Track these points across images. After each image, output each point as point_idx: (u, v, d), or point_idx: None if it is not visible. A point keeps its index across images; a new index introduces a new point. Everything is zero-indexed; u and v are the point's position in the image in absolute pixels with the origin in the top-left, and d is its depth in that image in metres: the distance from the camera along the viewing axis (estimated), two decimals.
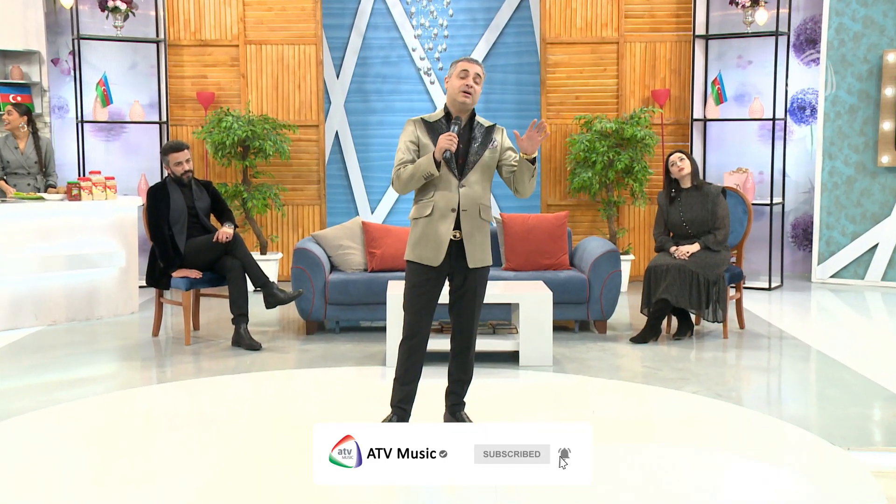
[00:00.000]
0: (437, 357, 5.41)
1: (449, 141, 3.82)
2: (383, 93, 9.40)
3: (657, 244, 6.41)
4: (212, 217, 6.78)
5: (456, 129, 3.88)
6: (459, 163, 3.96)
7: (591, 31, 9.07)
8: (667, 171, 6.46)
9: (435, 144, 3.92)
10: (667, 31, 9.08)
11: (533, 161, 3.94)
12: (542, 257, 6.88)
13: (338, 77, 9.39)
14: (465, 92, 3.93)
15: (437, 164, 3.86)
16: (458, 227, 3.95)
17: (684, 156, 6.44)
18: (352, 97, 9.41)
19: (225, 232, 6.35)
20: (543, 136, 3.83)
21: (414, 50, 9.04)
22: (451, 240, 3.95)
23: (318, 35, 9.01)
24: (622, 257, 8.55)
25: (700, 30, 9.01)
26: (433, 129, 3.98)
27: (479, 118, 4.06)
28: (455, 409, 4.20)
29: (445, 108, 4.02)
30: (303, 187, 9.17)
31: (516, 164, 3.99)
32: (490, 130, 4.05)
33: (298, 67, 9.06)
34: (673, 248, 6.30)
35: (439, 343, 5.51)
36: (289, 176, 9.14)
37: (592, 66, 9.09)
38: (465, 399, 4.24)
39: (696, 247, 6.27)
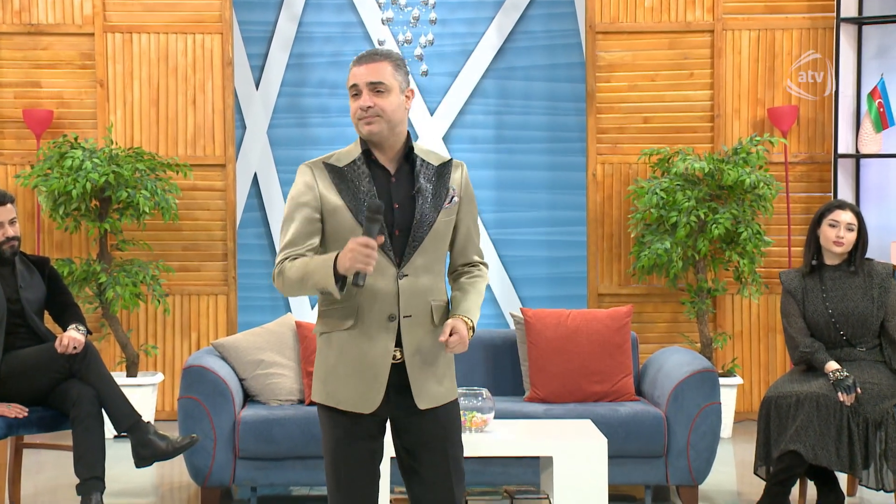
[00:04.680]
0: None
1: (367, 257, 3.70)
2: (331, 112, 9.52)
3: (798, 355, 6.35)
4: (47, 316, 6.79)
5: (375, 229, 3.75)
6: (396, 235, 3.93)
7: (668, 13, 9.30)
8: (814, 237, 6.51)
9: (352, 203, 3.91)
10: (794, 10, 9.32)
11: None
12: (591, 381, 6.90)
13: (257, 87, 9.54)
14: (364, 120, 3.92)
15: (341, 282, 3.79)
16: (397, 342, 3.93)
17: (855, 217, 6.39)
18: (280, 119, 9.56)
19: (71, 339, 6.35)
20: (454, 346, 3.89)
21: (382, 43, 9.11)
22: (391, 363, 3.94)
23: (225, 19, 9.22)
24: (723, 381, 8.54)
25: (849, 9, 9.16)
26: (345, 177, 3.96)
27: (420, 150, 4.05)
28: None
29: (362, 141, 4.01)
30: (199, 266, 9.28)
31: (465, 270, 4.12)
32: (444, 173, 4.05)
33: (193, 71, 9.24)
34: (831, 368, 6.26)
35: None
36: (176, 248, 9.26)
37: (671, 70, 9.28)
38: None
39: (878, 373, 6.22)
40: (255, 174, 9.56)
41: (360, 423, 3.94)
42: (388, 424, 4.05)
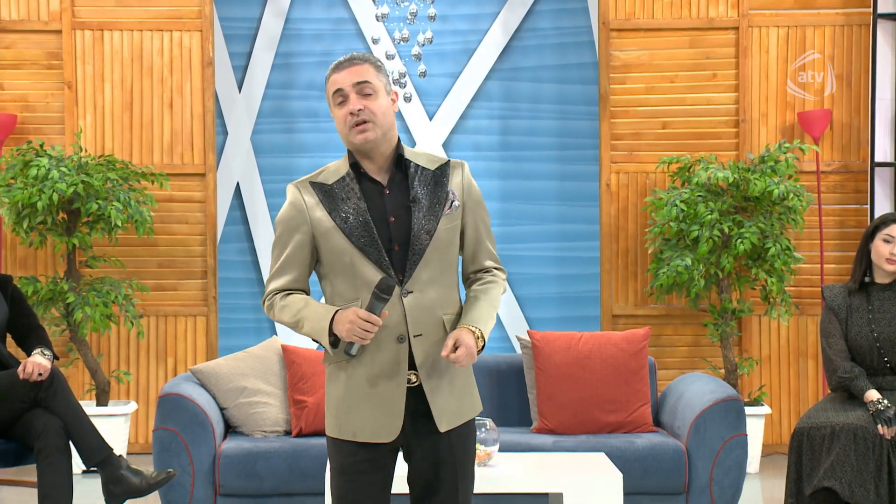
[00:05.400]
0: None
1: (365, 332, 3.84)
2: (320, 116, 9.54)
3: (835, 380, 6.31)
4: (9, 340, 6.79)
5: (380, 306, 3.86)
6: (395, 251, 3.99)
7: (688, 9, 9.31)
8: (866, 251, 6.41)
9: (344, 224, 3.98)
10: (826, 5, 9.32)
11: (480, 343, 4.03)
12: (605, 410, 6.92)
13: (240, 89, 9.57)
14: (356, 126, 3.97)
15: (334, 336, 3.92)
16: (411, 365, 4.00)
17: None
18: (265, 124, 9.58)
19: (36, 365, 6.36)
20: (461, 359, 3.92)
21: (376, 41, 9.11)
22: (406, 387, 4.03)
23: (205, 14, 9.23)
24: (749, 411, 8.53)
25: (887, 4, 9.21)
26: (335, 195, 4.04)
27: (412, 154, 4.12)
28: None
29: (349, 152, 4.09)
30: (176, 284, 9.28)
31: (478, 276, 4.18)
32: (441, 176, 4.11)
33: (171, 72, 9.24)
34: (872, 397, 6.18)
35: None
36: (151, 264, 9.27)
37: (692, 70, 9.29)
38: None
39: None
40: (238, 184, 9.56)
41: (375, 452, 4.02)
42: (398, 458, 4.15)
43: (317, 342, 3.98)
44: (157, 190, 9.03)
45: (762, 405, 8.78)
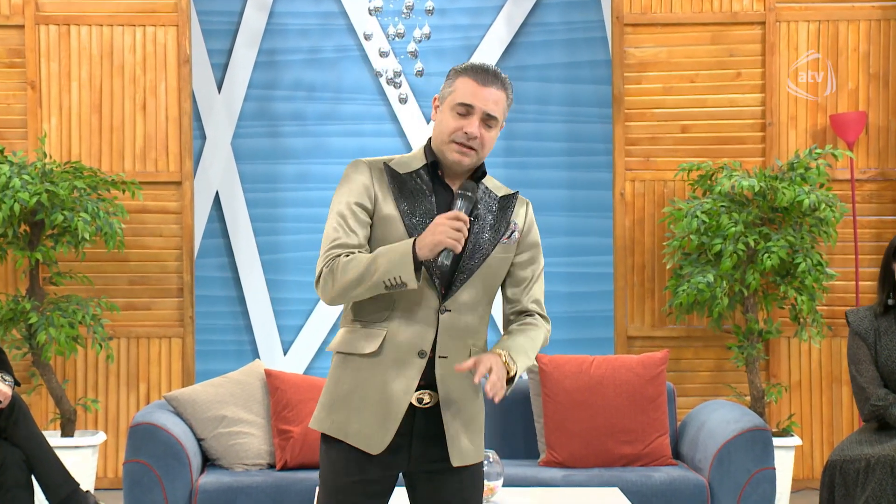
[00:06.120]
0: None
1: (456, 231, 3.90)
2: (307, 119, 9.57)
3: (868, 409, 6.36)
4: None
5: (465, 206, 4.00)
6: (464, 243, 4.03)
7: (710, 1, 9.31)
8: (889, 271, 6.47)
9: (408, 217, 4.06)
10: None
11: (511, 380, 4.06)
12: (619, 441, 6.93)
13: (220, 89, 9.58)
14: (461, 146, 4.07)
15: (419, 270, 3.94)
16: (428, 384, 4.06)
17: None
18: (247, 128, 9.58)
19: None
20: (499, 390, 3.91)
21: (369, 37, 9.07)
22: (412, 406, 4.06)
23: (181, 8, 9.22)
24: (778, 442, 8.51)
25: None
26: (405, 186, 4.13)
27: (488, 180, 4.23)
28: None
29: (428, 147, 4.19)
30: (150, 303, 9.25)
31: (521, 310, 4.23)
32: (506, 206, 4.22)
33: (144, 71, 9.23)
34: None
35: None
36: (122, 281, 9.24)
37: (714, 69, 9.28)
38: None
39: None
40: (217, 193, 9.56)
41: (372, 470, 4.06)
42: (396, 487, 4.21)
43: (392, 287, 3.92)
44: (128, 200, 9.00)
45: (792, 436, 8.74)
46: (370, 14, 8.76)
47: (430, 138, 4.17)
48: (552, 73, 9.55)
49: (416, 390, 4.02)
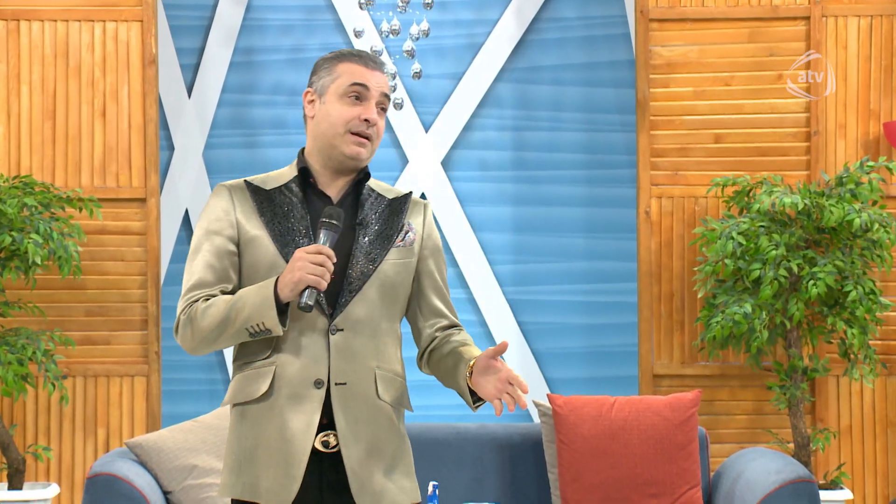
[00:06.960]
0: None
1: (318, 266, 3.90)
2: (289, 127, 9.56)
3: None
4: None
5: (330, 237, 3.98)
6: (330, 279, 4.00)
7: None
8: None
9: (277, 236, 4.11)
10: None
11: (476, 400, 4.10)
12: (645, 494, 6.90)
13: (190, 94, 9.57)
14: (358, 136, 4.13)
15: (284, 313, 3.97)
16: (329, 422, 4.06)
17: None
18: (220, 137, 9.57)
19: None
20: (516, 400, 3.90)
21: (359, 34, 9.15)
22: (318, 453, 4.05)
23: (147, 2, 9.14)
24: (825, 495, 8.45)
25: None
26: (272, 202, 4.19)
27: (374, 182, 4.29)
28: None
29: (301, 158, 4.25)
30: (110, 337, 9.15)
31: (450, 337, 4.20)
32: (398, 209, 4.27)
33: (104, 73, 9.15)
34: None
35: None
36: (78, 312, 9.16)
37: (752, 71, 9.20)
38: None
39: None
40: (187, 211, 9.58)
41: None
42: None
43: (256, 333, 3.95)
44: (85, 219, 8.92)
45: (842, 488, 8.66)
46: (361, 8, 8.78)
47: (302, 148, 4.23)
48: (568, 74, 9.53)
49: (321, 431, 4.00)
